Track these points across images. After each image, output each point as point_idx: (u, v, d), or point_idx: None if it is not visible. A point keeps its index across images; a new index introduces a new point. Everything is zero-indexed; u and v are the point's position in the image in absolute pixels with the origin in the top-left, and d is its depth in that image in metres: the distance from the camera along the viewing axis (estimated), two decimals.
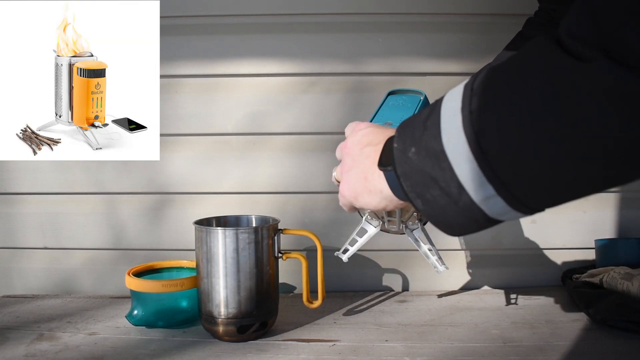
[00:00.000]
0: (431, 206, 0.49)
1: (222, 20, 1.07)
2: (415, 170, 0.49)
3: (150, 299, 0.89)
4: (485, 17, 1.06)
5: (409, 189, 0.50)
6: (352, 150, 0.60)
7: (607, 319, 0.86)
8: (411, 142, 0.49)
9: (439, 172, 0.47)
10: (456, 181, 0.46)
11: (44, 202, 1.13)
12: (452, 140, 0.46)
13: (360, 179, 0.58)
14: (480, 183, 0.45)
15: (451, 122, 0.46)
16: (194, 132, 1.10)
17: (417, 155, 0.49)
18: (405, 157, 0.50)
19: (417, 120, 0.50)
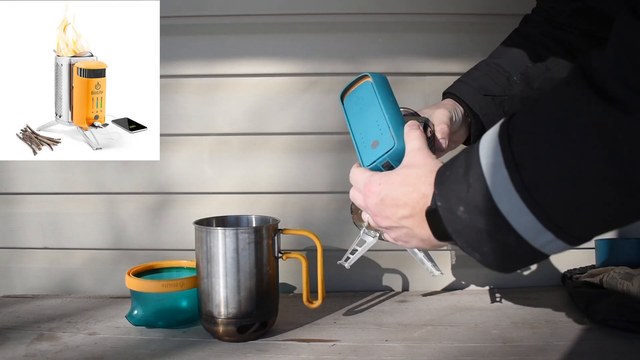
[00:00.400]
0: (489, 257, 0.51)
1: (222, 20, 1.07)
2: (468, 228, 0.50)
3: (150, 299, 0.89)
4: (485, 17, 1.06)
5: (464, 245, 0.52)
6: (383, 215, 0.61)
7: (607, 319, 0.86)
8: (457, 200, 0.51)
9: (493, 227, 0.48)
10: (514, 234, 0.47)
11: (44, 202, 1.13)
12: (504, 197, 0.47)
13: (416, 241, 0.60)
14: (538, 232, 0.46)
15: (497, 178, 0.47)
16: (194, 132, 1.10)
17: (468, 214, 0.50)
18: (454, 215, 0.51)
19: (454, 175, 0.51)
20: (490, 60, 0.90)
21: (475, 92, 0.86)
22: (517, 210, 0.46)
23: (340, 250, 1.10)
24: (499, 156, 0.47)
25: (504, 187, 0.46)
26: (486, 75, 0.88)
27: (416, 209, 0.58)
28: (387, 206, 0.60)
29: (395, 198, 0.60)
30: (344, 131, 1.08)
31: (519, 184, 0.45)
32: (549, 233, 0.46)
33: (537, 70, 0.88)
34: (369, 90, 0.72)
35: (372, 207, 0.63)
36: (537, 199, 0.45)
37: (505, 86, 0.87)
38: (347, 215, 1.10)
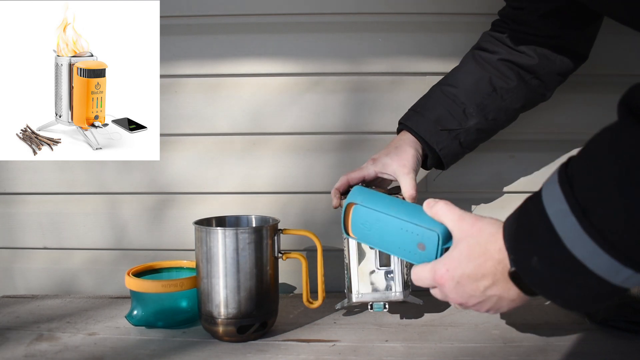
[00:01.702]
0: (572, 301, 0.52)
1: (222, 20, 1.07)
2: (546, 278, 0.52)
3: (150, 299, 0.89)
4: (485, 17, 1.05)
5: (544, 294, 0.53)
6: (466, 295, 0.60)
7: (608, 319, 0.86)
8: (529, 251, 0.52)
9: (572, 274, 0.49)
10: (594, 276, 0.48)
11: (44, 202, 1.13)
12: (577, 244, 0.48)
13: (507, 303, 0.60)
14: (617, 270, 0.47)
15: (566, 225, 0.48)
16: (194, 132, 1.10)
17: (542, 264, 0.51)
18: (529, 267, 0.52)
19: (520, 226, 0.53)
20: (445, 89, 0.91)
21: (432, 126, 0.88)
22: (593, 253, 0.47)
23: (341, 250, 1.10)
24: (564, 203, 0.48)
25: (575, 234, 0.47)
26: (442, 107, 0.89)
27: (497, 276, 0.58)
28: (466, 285, 0.60)
29: (471, 274, 0.59)
30: (344, 131, 1.08)
31: (589, 229, 0.47)
32: (628, 270, 0.47)
33: (492, 102, 0.89)
34: (365, 211, 0.71)
35: (452, 293, 0.61)
36: (611, 241, 0.46)
37: (462, 119, 0.88)
38: None
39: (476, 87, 0.89)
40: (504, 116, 0.91)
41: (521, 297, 0.58)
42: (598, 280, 0.48)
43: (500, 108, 0.90)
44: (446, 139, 0.88)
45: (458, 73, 0.93)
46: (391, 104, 1.07)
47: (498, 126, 0.93)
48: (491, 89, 0.89)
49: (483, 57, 0.91)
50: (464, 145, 0.91)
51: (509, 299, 0.59)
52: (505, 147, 1.05)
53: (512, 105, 0.90)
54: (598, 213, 0.46)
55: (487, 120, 0.90)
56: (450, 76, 0.93)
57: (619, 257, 0.46)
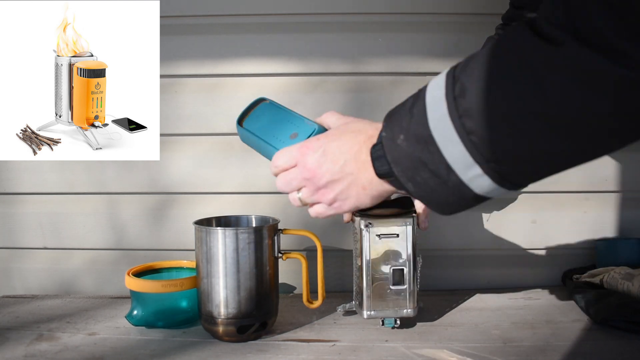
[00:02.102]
0: (422, 188, 0.53)
1: (222, 20, 1.07)
2: (404, 156, 0.52)
3: (150, 299, 0.89)
4: (485, 17, 1.05)
5: (400, 174, 0.53)
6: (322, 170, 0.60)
7: (608, 319, 0.86)
8: (399, 130, 0.53)
9: (427, 155, 0.50)
10: (444, 163, 0.49)
11: (44, 202, 1.13)
12: (439, 126, 0.49)
13: (357, 190, 0.60)
14: (467, 164, 0.48)
15: (437, 108, 0.49)
16: (194, 132, 1.10)
17: (406, 142, 0.52)
18: (394, 144, 0.53)
19: (402, 109, 0.54)
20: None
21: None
22: (449, 139, 0.48)
23: (341, 250, 1.10)
24: (442, 89, 0.49)
25: (440, 117, 0.49)
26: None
27: (361, 150, 0.58)
28: (329, 155, 0.60)
29: (339, 145, 0.60)
30: None
31: (453, 113, 0.48)
32: (476, 166, 0.48)
33: None
34: (270, 106, 0.76)
35: (312, 163, 0.61)
36: (468, 128, 0.47)
37: None
38: None
39: None
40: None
41: (373, 185, 0.58)
42: (447, 169, 0.49)
43: None
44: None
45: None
46: (391, 104, 1.06)
47: None
48: None
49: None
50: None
51: (361, 185, 0.59)
52: None
53: None
54: (466, 99, 0.47)
55: None
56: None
57: (471, 148, 0.47)
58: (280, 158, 0.64)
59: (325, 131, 0.65)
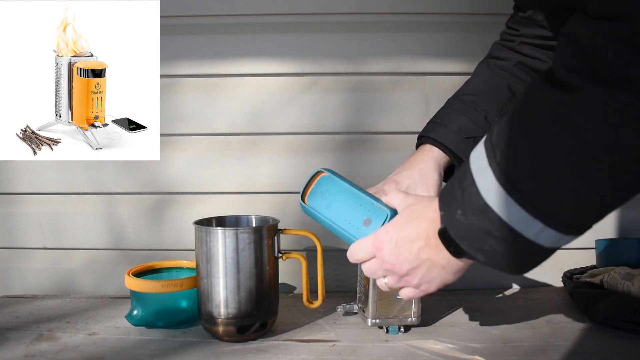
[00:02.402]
0: (492, 255, 0.54)
1: (222, 20, 1.07)
2: (467, 229, 0.54)
3: (150, 299, 0.88)
4: (485, 17, 1.05)
5: (467, 247, 0.55)
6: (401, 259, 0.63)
7: (608, 319, 0.86)
8: (455, 205, 0.55)
9: (488, 223, 0.52)
10: (507, 227, 0.51)
11: (44, 202, 1.13)
12: (491, 193, 0.51)
13: (438, 271, 0.62)
14: (527, 221, 0.50)
15: (484, 177, 0.52)
16: (194, 132, 1.10)
17: (464, 216, 0.54)
18: (454, 220, 0.55)
19: (452, 186, 0.56)
20: (464, 98, 0.89)
21: (456, 136, 0.86)
22: (505, 202, 0.50)
23: (341, 250, 1.10)
24: (484, 158, 0.52)
25: (490, 184, 0.51)
26: (463, 116, 0.87)
27: (430, 236, 0.60)
28: (403, 246, 0.62)
29: (408, 234, 0.62)
30: (344, 131, 1.08)
31: (501, 178, 0.50)
32: (537, 222, 0.49)
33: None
34: (331, 181, 0.76)
35: (389, 256, 0.64)
36: (519, 189, 0.49)
37: (484, 125, 0.87)
38: None
39: (495, 94, 0.88)
40: None
41: (451, 263, 0.60)
42: (511, 232, 0.51)
43: None
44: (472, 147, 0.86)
45: (474, 82, 0.90)
46: (391, 104, 1.07)
47: None
48: (510, 94, 0.87)
49: (497, 64, 0.90)
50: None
51: (440, 266, 0.61)
52: None
53: None
54: (508, 163, 0.50)
55: None
56: (466, 86, 0.91)
57: (527, 206, 0.49)
58: (358, 253, 0.68)
59: (395, 214, 0.68)
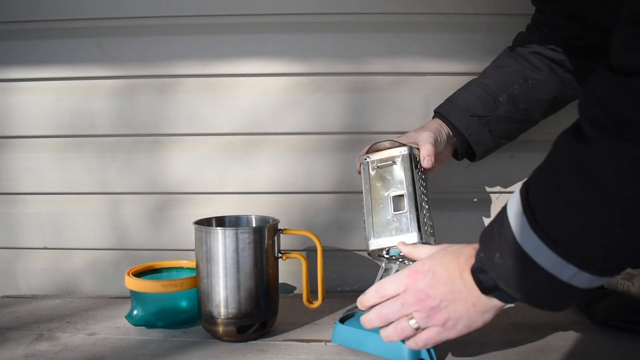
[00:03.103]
0: (530, 295, 0.58)
1: (222, 20, 1.07)
2: (505, 271, 0.57)
3: (150, 299, 0.89)
4: (485, 17, 1.05)
5: (506, 287, 0.58)
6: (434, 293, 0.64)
7: (608, 319, 0.86)
8: (493, 249, 0.59)
9: (525, 267, 0.55)
10: (542, 270, 0.54)
11: (45, 202, 1.13)
12: (525, 240, 0.55)
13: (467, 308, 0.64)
14: (562, 266, 0.53)
15: (519, 224, 0.55)
16: (194, 132, 1.09)
17: (503, 259, 0.57)
18: (493, 263, 0.59)
19: (491, 231, 0.60)
20: (479, 81, 0.94)
21: (461, 113, 0.91)
22: (539, 249, 0.53)
23: (341, 250, 1.10)
24: (519, 206, 0.56)
25: (525, 231, 0.54)
26: (474, 96, 0.92)
27: (464, 271, 0.63)
28: (439, 278, 0.64)
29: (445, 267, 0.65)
30: (344, 131, 1.09)
31: (535, 227, 0.54)
32: (571, 266, 0.53)
33: (523, 92, 0.91)
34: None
35: (423, 287, 0.65)
36: (553, 237, 0.52)
37: (492, 107, 0.91)
38: (348, 215, 1.10)
39: (508, 78, 0.91)
40: (536, 107, 0.93)
41: (481, 302, 0.63)
42: (547, 275, 0.54)
43: (532, 98, 0.91)
44: (476, 126, 0.91)
45: (492, 66, 0.95)
46: (392, 104, 1.07)
47: (530, 117, 0.94)
48: (522, 79, 0.91)
49: (516, 51, 0.93)
50: (494, 134, 0.92)
51: (470, 302, 0.63)
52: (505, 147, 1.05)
53: (543, 96, 0.91)
54: (541, 212, 0.54)
55: (518, 109, 0.91)
56: (486, 69, 0.95)
57: (561, 252, 0.52)
58: (389, 285, 0.67)
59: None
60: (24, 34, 1.08)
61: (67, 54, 1.08)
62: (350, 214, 1.10)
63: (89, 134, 1.10)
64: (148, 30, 1.07)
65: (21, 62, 1.09)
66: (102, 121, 1.09)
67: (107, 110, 1.09)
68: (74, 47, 1.08)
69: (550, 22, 0.90)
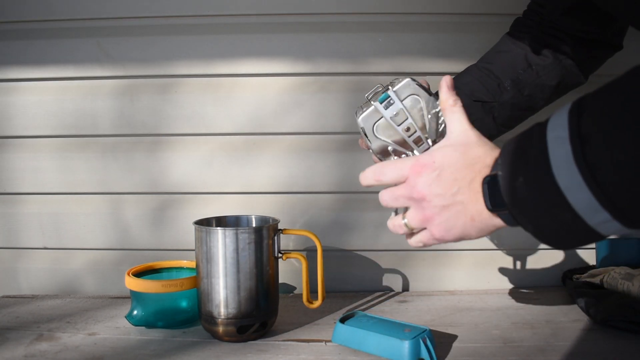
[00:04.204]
0: (543, 231, 0.50)
1: (222, 20, 1.07)
2: (525, 199, 0.50)
3: (150, 299, 0.89)
4: (485, 17, 1.06)
5: (518, 216, 0.51)
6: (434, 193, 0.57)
7: (608, 319, 0.86)
8: (518, 171, 0.50)
9: (550, 201, 0.48)
10: (571, 210, 0.47)
11: (45, 202, 1.13)
12: (563, 173, 0.46)
13: (464, 221, 0.56)
14: (595, 210, 0.45)
15: (560, 152, 0.46)
16: (194, 132, 1.10)
17: (526, 185, 0.49)
18: (513, 186, 0.50)
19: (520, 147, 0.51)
20: (481, 65, 0.91)
21: (465, 97, 0.87)
22: (576, 186, 0.45)
23: (341, 250, 1.11)
24: (565, 130, 0.46)
25: (565, 162, 0.46)
26: (477, 81, 0.89)
27: (475, 179, 0.55)
28: (444, 180, 0.56)
29: (455, 170, 0.56)
30: (344, 131, 1.09)
31: (580, 160, 0.45)
32: (605, 212, 0.45)
33: (527, 77, 0.89)
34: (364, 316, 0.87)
35: (423, 184, 0.57)
36: (598, 178, 0.44)
37: (496, 92, 0.88)
38: (348, 215, 1.10)
39: (512, 63, 0.89)
40: (540, 93, 0.91)
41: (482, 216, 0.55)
42: (573, 216, 0.47)
43: (536, 84, 0.90)
44: (480, 112, 0.89)
45: (494, 51, 0.93)
46: None
47: (533, 103, 0.92)
48: (527, 65, 0.89)
49: (518, 36, 0.91)
50: (498, 121, 0.90)
51: (469, 215, 0.56)
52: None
53: (548, 82, 0.90)
54: (594, 146, 0.45)
55: (522, 95, 0.89)
56: (486, 55, 0.93)
57: (601, 196, 0.45)
58: (389, 172, 0.60)
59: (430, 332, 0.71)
60: (24, 33, 1.08)
61: (67, 53, 1.08)
62: (351, 214, 1.10)
63: (89, 134, 1.10)
64: (148, 30, 1.07)
65: (21, 62, 1.09)
66: (103, 121, 1.09)
67: (107, 110, 1.09)
68: (74, 47, 1.08)
69: (548, 17, 0.88)
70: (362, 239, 1.10)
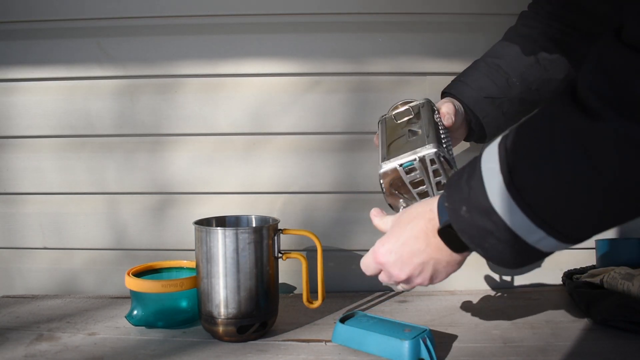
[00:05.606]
0: (491, 252, 0.57)
1: (222, 20, 1.07)
2: (470, 226, 0.57)
3: (150, 299, 0.89)
4: (485, 17, 1.05)
5: (468, 242, 0.58)
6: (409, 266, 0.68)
7: (608, 319, 0.86)
8: (460, 201, 0.57)
9: (492, 225, 0.54)
10: (509, 231, 0.53)
11: (45, 202, 1.13)
12: (497, 198, 0.53)
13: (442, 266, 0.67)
14: (531, 229, 0.52)
15: (493, 182, 0.53)
16: (194, 132, 1.09)
17: (469, 213, 0.56)
18: (458, 215, 0.58)
19: (460, 181, 0.58)
20: (489, 60, 0.91)
21: (475, 94, 0.88)
22: (510, 210, 0.52)
23: (341, 250, 1.11)
24: (496, 163, 0.53)
25: (499, 190, 0.52)
26: (486, 77, 0.89)
27: (429, 235, 0.64)
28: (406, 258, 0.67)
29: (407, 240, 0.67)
30: (345, 131, 1.09)
31: (511, 188, 0.51)
32: (540, 231, 0.51)
33: (535, 72, 0.89)
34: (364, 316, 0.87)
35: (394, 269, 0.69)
36: (527, 200, 0.51)
37: (505, 88, 0.89)
38: (348, 215, 1.10)
39: (519, 58, 0.89)
40: (547, 87, 0.90)
41: (454, 258, 0.65)
42: (514, 236, 0.53)
43: (544, 79, 0.89)
44: (490, 108, 0.89)
45: (501, 46, 0.92)
46: (392, 104, 1.07)
47: (542, 97, 0.92)
48: (534, 60, 0.89)
49: (525, 31, 0.91)
50: (507, 116, 0.90)
51: (444, 262, 0.65)
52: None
53: (556, 75, 0.90)
54: (520, 174, 0.51)
55: (530, 90, 0.89)
56: (493, 49, 0.93)
57: (532, 216, 0.51)
58: (366, 270, 0.73)
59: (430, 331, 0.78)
60: (24, 33, 1.08)
61: (67, 53, 1.08)
62: (351, 214, 1.10)
63: (89, 134, 1.10)
64: (148, 30, 1.07)
65: (21, 62, 1.09)
66: (103, 121, 1.09)
67: (107, 110, 1.09)
68: (73, 47, 1.08)
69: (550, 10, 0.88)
70: (362, 239, 1.10)
